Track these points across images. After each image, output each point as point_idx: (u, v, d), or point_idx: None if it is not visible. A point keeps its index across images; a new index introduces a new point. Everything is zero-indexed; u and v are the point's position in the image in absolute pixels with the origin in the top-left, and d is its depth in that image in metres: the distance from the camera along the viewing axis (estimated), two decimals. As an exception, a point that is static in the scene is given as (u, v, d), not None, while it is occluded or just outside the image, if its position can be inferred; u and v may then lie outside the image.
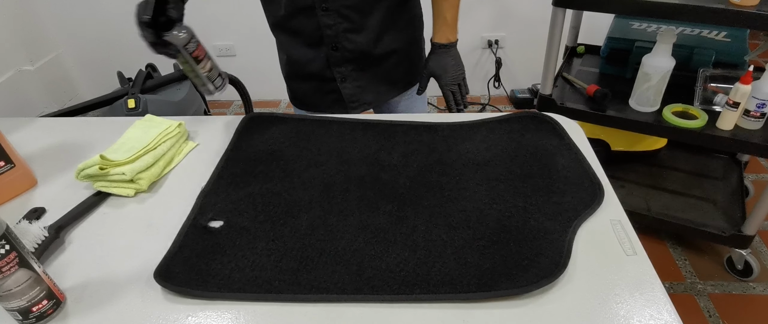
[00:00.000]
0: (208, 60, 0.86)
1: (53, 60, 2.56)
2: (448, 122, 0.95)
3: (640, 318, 0.56)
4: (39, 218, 0.76)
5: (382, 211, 0.73)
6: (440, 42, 1.00)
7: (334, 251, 0.66)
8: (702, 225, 1.49)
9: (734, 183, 1.68)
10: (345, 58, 1.00)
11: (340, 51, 0.99)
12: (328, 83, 1.06)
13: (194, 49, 0.82)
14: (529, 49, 2.50)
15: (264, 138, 0.92)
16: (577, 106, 1.46)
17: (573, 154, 0.84)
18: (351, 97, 1.07)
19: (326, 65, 1.02)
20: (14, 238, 0.54)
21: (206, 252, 0.67)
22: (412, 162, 0.84)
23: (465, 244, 0.66)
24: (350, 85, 1.05)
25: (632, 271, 0.62)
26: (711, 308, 1.42)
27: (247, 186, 0.80)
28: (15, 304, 0.56)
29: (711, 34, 1.52)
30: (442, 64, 1.01)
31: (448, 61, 1.01)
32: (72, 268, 0.67)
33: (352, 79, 1.04)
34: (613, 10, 1.33)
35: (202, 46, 0.85)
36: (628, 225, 0.70)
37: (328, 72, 1.03)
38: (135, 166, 0.80)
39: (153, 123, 0.91)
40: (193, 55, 0.83)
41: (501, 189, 0.77)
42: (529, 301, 0.59)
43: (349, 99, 1.07)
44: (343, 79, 1.04)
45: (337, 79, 1.04)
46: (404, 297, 0.59)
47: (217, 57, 2.61)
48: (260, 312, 0.59)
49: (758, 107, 1.24)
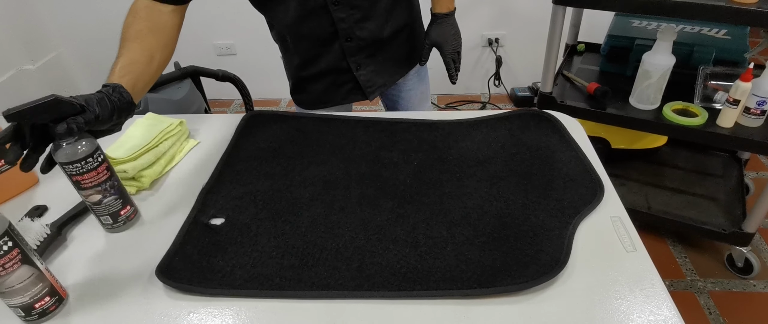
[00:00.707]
0: (105, 195, 0.68)
1: (54, 59, 2.56)
2: (449, 120, 0.95)
3: (640, 314, 0.56)
4: (41, 216, 0.77)
5: (383, 208, 0.73)
6: (441, 12, 1.03)
7: (335, 248, 0.66)
8: (702, 223, 1.49)
9: (734, 180, 1.68)
10: (359, 46, 1.02)
11: (354, 41, 1.00)
12: (343, 75, 1.07)
13: (78, 173, 0.64)
14: (529, 47, 2.50)
15: (265, 136, 0.92)
16: (578, 104, 1.46)
17: (573, 151, 0.84)
18: (367, 82, 1.08)
19: (341, 57, 1.03)
20: (17, 235, 0.54)
21: (208, 249, 0.67)
22: (413, 159, 0.84)
23: (465, 241, 0.67)
24: (365, 71, 1.07)
25: (632, 267, 0.62)
26: (711, 306, 1.42)
27: (248, 184, 0.80)
28: (18, 300, 0.56)
29: (711, 31, 1.52)
30: (444, 33, 1.04)
31: (449, 31, 1.04)
32: (74, 266, 0.67)
33: (365, 65, 1.06)
34: (613, 7, 1.33)
35: (101, 178, 0.67)
36: (628, 222, 0.70)
37: (344, 63, 1.04)
38: (137, 163, 0.80)
39: (154, 121, 0.91)
40: (75, 178, 0.65)
41: (501, 186, 0.77)
42: (530, 297, 0.59)
43: (366, 85, 1.09)
44: (358, 67, 1.06)
45: (352, 68, 1.05)
46: (405, 293, 0.60)
47: (218, 56, 2.61)
48: (261, 308, 0.59)
49: (758, 104, 1.24)
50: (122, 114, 0.67)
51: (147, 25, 0.78)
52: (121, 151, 0.82)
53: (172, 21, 0.81)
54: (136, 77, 0.72)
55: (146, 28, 0.77)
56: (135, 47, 0.75)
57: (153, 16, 0.79)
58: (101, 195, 0.68)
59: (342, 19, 0.96)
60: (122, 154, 0.81)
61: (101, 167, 0.67)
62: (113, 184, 0.69)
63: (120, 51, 0.74)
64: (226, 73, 1.59)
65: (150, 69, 0.75)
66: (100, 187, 0.67)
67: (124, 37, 0.76)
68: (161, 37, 0.79)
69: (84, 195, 0.68)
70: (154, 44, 0.77)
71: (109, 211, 0.70)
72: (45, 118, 0.59)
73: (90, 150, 0.65)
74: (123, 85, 0.68)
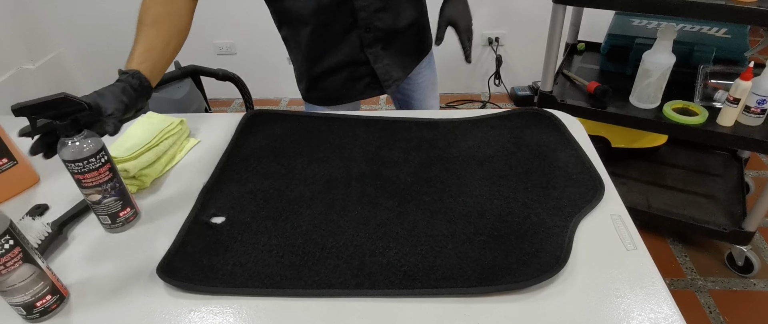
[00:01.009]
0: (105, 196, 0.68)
1: (54, 59, 2.56)
2: (449, 119, 0.95)
3: (641, 312, 0.56)
4: (42, 215, 0.77)
5: (384, 206, 0.73)
6: None
7: (335, 246, 0.66)
8: (702, 221, 1.49)
9: (735, 179, 1.68)
10: (376, 37, 1.02)
11: (372, 31, 1.01)
12: (360, 68, 1.07)
13: (79, 172, 0.65)
14: (529, 46, 2.50)
15: (265, 135, 0.92)
16: (578, 103, 1.47)
17: (573, 150, 0.84)
18: (384, 75, 1.09)
19: (359, 49, 1.03)
20: (18, 233, 0.54)
21: (208, 247, 0.67)
22: (414, 158, 0.84)
23: (466, 239, 0.67)
24: (381, 64, 1.07)
25: (633, 265, 0.62)
26: (711, 304, 1.42)
27: (249, 182, 0.80)
28: (19, 299, 0.56)
29: (711, 30, 1.52)
30: (458, 10, 1.06)
31: (462, 8, 1.07)
32: (75, 264, 0.67)
33: (381, 58, 1.06)
34: (613, 6, 1.33)
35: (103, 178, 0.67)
36: (628, 220, 0.70)
37: (362, 55, 1.04)
38: (137, 162, 0.80)
39: (155, 120, 0.91)
40: (76, 176, 0.66)
41: (502, 184, 0.77)
42: (530, 295, 0.59)
43: (383, 77, 1.09)
44: (375, 59, 1.06)
45: (370, 60, 1.05)
46: (406, 292, 0.60)
47: (218, 56, 2.61)
48: (262, 307, 0.59)
49: (758, 103, 1.24)
50: (143, 99, 0.73)
51: (164, 10, 0.80)
52: (122, 150, 0.82)
53: (188, 6, 0.84)
54: (154, 63, 0.76)
55: (163, 13, 0.80)
56: (152, 33, 0.78)
57: (169, 1, 0.81)
58: (101, 195, 0.68)
59: (362, 8, 0.96)
60: (123, 153, 0.81)
61: (103, 168, 0.67)
62: (114, 185, 0.69)
63: (137, 36, 0.77)
64: (227, 73, 1.59)
65: (166, 55, 0.79)
66: (100, 187, 0.67)
67: (141, 21, 0.79)
68: (177, 22, 0.82)
69: (85, 193, 0.68)
70: (171, 30, 0.80)
71: (108, 212, 0.70)
72: (51, 115, 0.61)
73: (94, 150, 0.65)
74: (142, 72, 0.73)
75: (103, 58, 2.60)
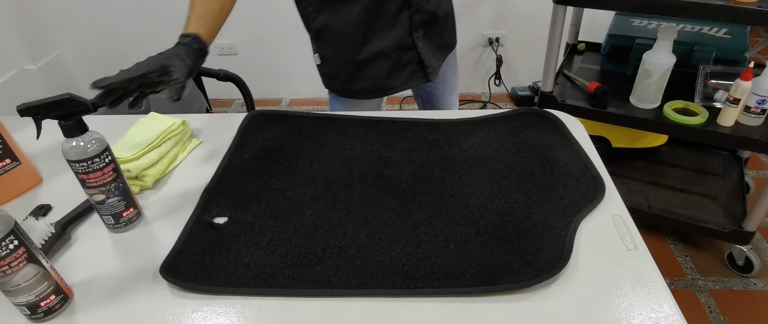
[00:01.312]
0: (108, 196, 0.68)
1: (55, 59, 2.57)
2: (450, 119, 0.95)
3: (641, 311, 0.57)
4: (45, 215, 0.77)
5: (385, 206, 0.74)
6: None
7: (337, 246, 0.67)
8: (703, 221, 1.50)
9: (735, 179, 1.68)
10: (422, 20, 1.02)
11: (421, 13, 1.01)
12: (406, 53, 1.06)
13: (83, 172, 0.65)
14: (529, 46, 2.50)
15: (267, 135, 0.93)
16: (578, 103, 1.47)
17: (574, 150, 0.84)
18: (429, 60, 1.08)
19: (408, 31, 1.02)
20: (22, 233, 0.55)
21: (211, 247, 0.67)
22: (415, 158, 0.84)
23: (467, 239, 0.67)
24: (424, 50, 1.07)
25: (633, 265, 0.63)
26: (712, 304, 1.42)
27: (251, 183, 0.80)
28: (23, 299, 0.56)
29: (711, 30, 1.52)
30: None
31: None
32: (79, 264, 0.68)
33: (423, 44, 1.06)
34: (613, 7, 1.33)
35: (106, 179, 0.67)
36: (629, 220, 0.70)
37: (409, 39, 1.03)
38: (140, 163, 0.81)
39: (157, 121, 0.91)
40: (80, 176, 0.66)
41: (503, 185, 0.77)
42: (531, 295, 0.60)
43: (428, 62, 1.08)
44: (420, 43, 1.06)
45: (417, 44, 1.05)
46: (407, 291, 0.60)
47: (219, 56, 2.62)
48: (265, 306, 0.60)
49: (759, 103, 1.24)
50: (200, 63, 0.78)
51: None
52: (124, 151, 0.82)
53: None
54: (211, 28, 0.80)
55: None
56: None
57: None
58: (105, 195, 0.69)
59: None
60: (125, 153, 0.81)
61: (108, 168, 0.67)
62: (118, 186, 0.70)
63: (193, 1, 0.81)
64: (228, 73, 1.59)
65: (221, 18, 0.84)
66: (104, 187, 0.68)
67: None
68: None
69: (89, 193, 0.69)
70: None
71: (112, 212, 0.71)
72: (56, 115, 0.62)
73: (98, 150, 0.65)
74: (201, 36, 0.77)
75: (104, 58, 2.61)
